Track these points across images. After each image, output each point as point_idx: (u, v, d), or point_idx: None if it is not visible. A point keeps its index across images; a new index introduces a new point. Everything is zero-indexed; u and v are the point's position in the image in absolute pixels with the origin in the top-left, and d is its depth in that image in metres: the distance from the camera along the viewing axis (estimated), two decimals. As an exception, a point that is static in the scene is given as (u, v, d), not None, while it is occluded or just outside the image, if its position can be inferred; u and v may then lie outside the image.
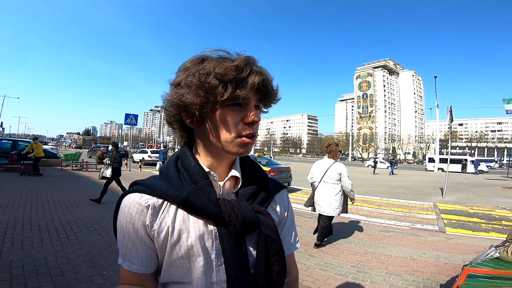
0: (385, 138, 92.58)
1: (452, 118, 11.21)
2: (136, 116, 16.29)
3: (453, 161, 29.73)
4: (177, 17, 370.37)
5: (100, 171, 7.01)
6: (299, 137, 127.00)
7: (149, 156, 21.04)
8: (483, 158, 35.41)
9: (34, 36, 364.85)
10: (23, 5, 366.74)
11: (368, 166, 33.84)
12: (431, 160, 33.94)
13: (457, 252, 4.22)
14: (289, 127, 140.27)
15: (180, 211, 0.63)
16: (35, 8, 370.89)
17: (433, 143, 67.96)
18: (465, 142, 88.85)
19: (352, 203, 4.50)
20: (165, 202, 0.63)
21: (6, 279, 2.73)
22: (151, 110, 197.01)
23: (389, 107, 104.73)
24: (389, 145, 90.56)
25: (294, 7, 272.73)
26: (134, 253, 0.63)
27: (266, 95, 0.63)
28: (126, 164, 16.06)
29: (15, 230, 4.22)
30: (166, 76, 0.66)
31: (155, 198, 0.63)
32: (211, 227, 0.64)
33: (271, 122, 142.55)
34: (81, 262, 3.22)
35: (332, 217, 4.28)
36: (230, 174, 0.67)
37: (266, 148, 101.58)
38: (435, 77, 24.32)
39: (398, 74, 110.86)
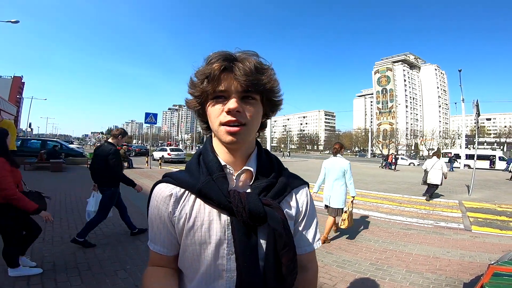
0: (406, 134, 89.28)
1: (479, 113, 10.67)
2: (155, 115, 16.64)
3: (480, 157, 28.24)
4: (191, 18, 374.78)
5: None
6: (316, 133, 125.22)
7: (168, 154, 21.54)
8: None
9: (57, 41, 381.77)
10: (47, 11, 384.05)
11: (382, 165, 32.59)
12: (457, 156, 32.50)
13: (483, 251, 4.07)
14: (306, 123, 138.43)
15: (198, 200, 0.70)
16: (58, 15, 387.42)
17: (458, 138, 64.90)
18: (493, 137, 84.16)
19: (446, 178, 8.37)
20: (186, 192, 0.71)
21: (38, 275, 2.89)
22: (169, 109, 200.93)
23: (410, 102, 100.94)
24: (411, 141, 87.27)
25: (309, 5, 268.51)
26: (158, 236, 0.73)
27: (247, 83, 0.64)
28: (147, 161, 16.55)
29: (46, 226, 4.47)
30: (182, 75, 0.75)
31: (178, 188, 0.71)
32: (224, 217, 0.68)
33: (288, 119, 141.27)
34: (107, 257, 3.38)
35: (438, 185, 8.31)
36: (243, 168, 0.71)
37: (283, 145, 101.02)
38: (460, 70, 23.16)
39: (419, 68, 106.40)
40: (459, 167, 29.38)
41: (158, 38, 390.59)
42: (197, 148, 43.22)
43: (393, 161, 22.93)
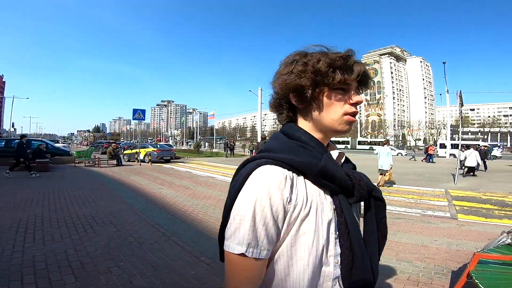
0: (394, 125, 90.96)
1: (462, 103, 10.98)
2: (143, 111, 16.33)
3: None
4: (178, 10, 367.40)
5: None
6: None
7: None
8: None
9: (40, 36, 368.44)
10: (28, 7, 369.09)
11: (377, 153, 33.32)
12: (443, 146, 33.30)
13: (469, 239, 4.19)
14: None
15: (308, 182, 0.64)
16: (41, 10, 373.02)
17: (444, 128, 66.51)
18: (477, 127, 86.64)
19: (480, 164, 13.18)
20: (295, 174, 0.63)
21: (31, 273, 2.85)
22: (157, 105, 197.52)
23: (397, 94, 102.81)
24: (399, 132, 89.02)
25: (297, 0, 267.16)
26: (262, 234, 0.57)
27: (365, 81, 0.70)
28: (137, 158, 16.28)
29: (35, 225, 4.40)
30: (170, 71, 0.66)
31: (286, 169, 0.61)
32: (328, 197, 0.66)
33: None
34: (99, 255, 3.35)
35: (475, 167, 12.28)
36: (338, 151, 0.74)
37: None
38: (444, 63, 23.58)
39: (405, 60, 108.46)
40: (445, 157, 30.19)
41: (143, 33, 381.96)
42: (186, 142, 42.35)
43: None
